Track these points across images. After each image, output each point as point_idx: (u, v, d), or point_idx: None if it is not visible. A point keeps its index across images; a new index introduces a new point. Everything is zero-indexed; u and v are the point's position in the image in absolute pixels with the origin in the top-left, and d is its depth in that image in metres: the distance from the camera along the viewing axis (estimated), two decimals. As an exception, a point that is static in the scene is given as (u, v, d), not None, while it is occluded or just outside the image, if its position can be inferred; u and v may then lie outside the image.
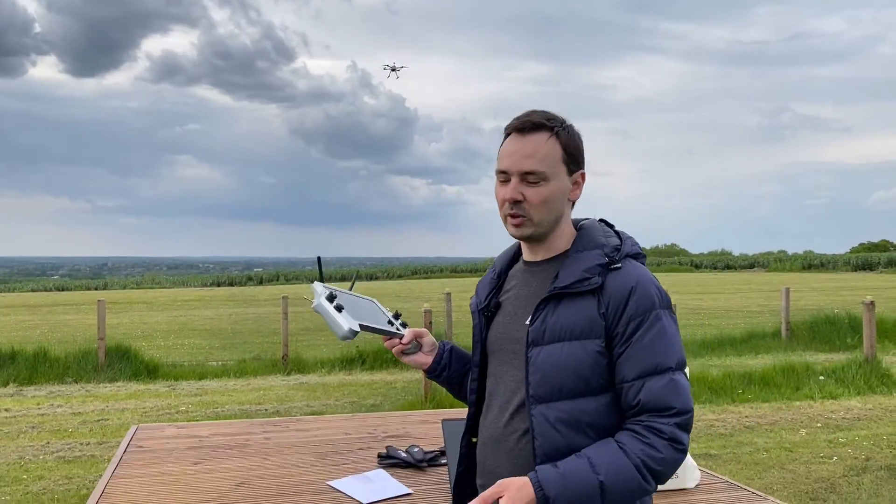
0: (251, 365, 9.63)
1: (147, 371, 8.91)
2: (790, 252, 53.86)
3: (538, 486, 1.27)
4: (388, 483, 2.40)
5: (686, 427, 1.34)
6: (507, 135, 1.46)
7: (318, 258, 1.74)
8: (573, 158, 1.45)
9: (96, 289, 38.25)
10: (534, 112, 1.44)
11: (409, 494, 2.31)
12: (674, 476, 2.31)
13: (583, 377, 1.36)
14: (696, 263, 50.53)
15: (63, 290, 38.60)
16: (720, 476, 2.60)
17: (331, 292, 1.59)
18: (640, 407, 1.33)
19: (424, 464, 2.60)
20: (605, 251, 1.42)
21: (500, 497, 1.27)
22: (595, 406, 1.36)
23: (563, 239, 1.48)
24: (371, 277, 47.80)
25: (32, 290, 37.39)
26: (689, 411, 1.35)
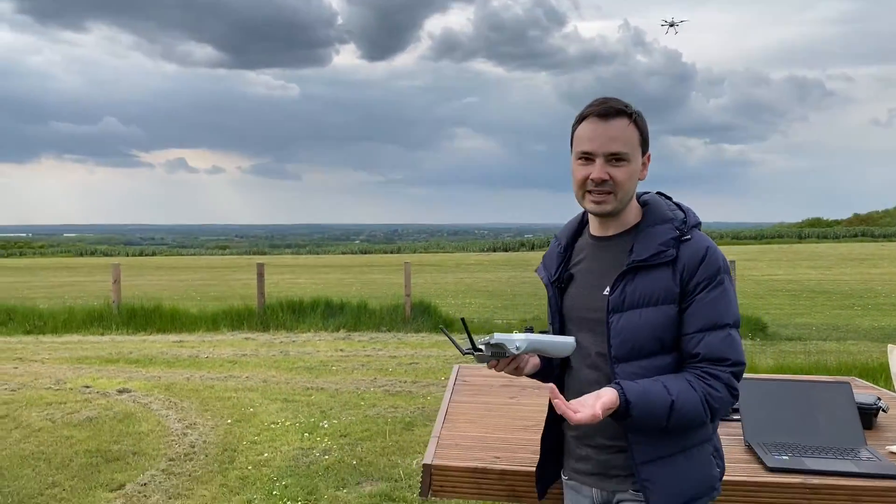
0: (532, 324, 10.31)
1: (444, 324, 10.08)
2: None
3: (622, 391, 1.50)
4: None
5: (738, 376, 1.57)
6: (583, 119, 1.65)
7: (463, 320, 1.74)
8: (645, 142, 1.66)
9: (391, 252, 43.12)
10: (611, 98, 1.64)
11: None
12: None
13: (659, 338, 1.58)
14: None
15: (366, 252, 44.26)
16: None
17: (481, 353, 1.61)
18: (700, 357, 1.56)
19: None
20: (675, 224, 1.62)
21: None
22: (669, 362, 1.60)
23: (632, 214, 1.68)
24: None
25: (342, 253, 43.51)
26: (742, 364, 1.57)
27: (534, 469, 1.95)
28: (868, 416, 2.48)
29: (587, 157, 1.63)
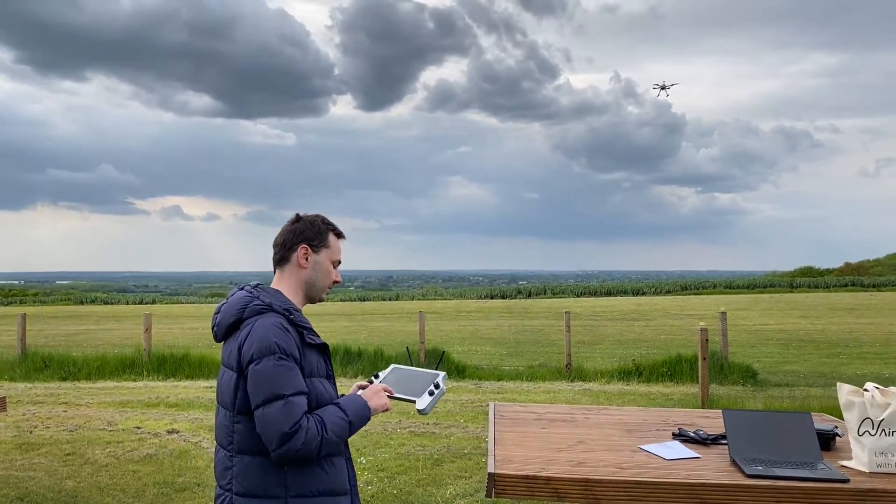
0: (539, 371, 11.01)
1: (457, 371, 10.77)
2: None
3: None
4: (682, 450, 3.37)
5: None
6: (338, 235, 2.33)
7: (407, 349, 2.64)
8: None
9: (389, 299, 43.71)
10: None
11: (697, 458, 3.27)
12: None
13: None
14: None
15: (364, 300, 44.78)
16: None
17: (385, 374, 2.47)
18: None
19: (709, 441, 3.53)
20: None
21: None
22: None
23: None
24: (638, 293, 47.40)
25: (340, 300, 44.05)
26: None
27: (570, 476, 2.68)
28: (826, 439, 3.23)
29: (337, 265, 2.34)
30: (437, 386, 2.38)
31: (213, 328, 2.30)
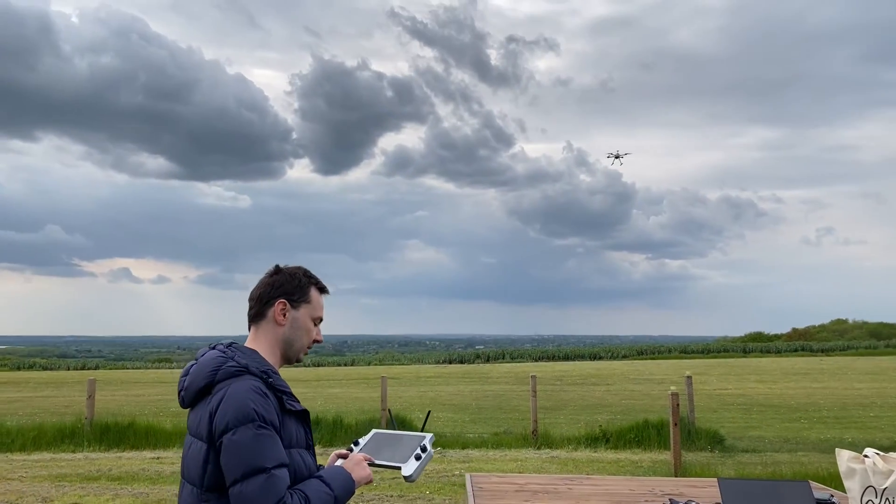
0: (504, 438, 10.68)
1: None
2: None
3: None
4: (678, 523, 3.17)
5: None
6: (321, 290, 2.11)
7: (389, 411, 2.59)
8: None
9: (344, 364, 42.79)
10: None
11: (694, 532, 3.07)
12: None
13: None
14: (983, 345, 43.10)
15: (319, 365, 43.73)
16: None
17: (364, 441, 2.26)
18: None
19: (703, 514, 3.33)
20: None
21: None
22: None
23: None
24: (595, 357, 47.53)
25: (293, 366, 42.78)
26: None
27: None
28: (824, 509, 3.07)
29: (318, 322, 2.11)
30: (423, 449, 2.15)
31: (179, 392, 2.04)
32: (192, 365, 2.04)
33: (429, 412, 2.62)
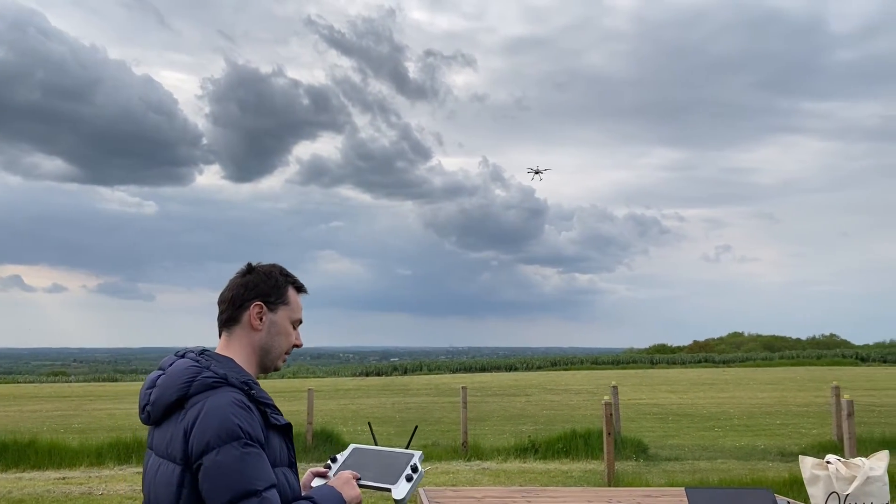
0: (434, 450, 10.55)
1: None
2: (976, 343, 48.28)
3: None
4: (647, 534, 3.14)
5: None
6: (298, 289, 1.91)
7: (369, 424, 2.23)
8: None
9: (258, 378, 41.38)
10: None
11: (666, 543, 3.05)
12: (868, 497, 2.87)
13: None
14: (862, 356, 46.57)
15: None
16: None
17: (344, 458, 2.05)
18: None
19: (668, 524, 3.32)
20: None
21: None
22: None
23: None
24: (511, 368, 48.18)
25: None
26: None
27: None
28: (784, 517, 3.13)
29: (297, 325, 1.91)
30: (414, 469, 1.98)
31: (143, 407, 1.80)
32: (159, 375, 1.81)
33: (416, 427, 2.47)
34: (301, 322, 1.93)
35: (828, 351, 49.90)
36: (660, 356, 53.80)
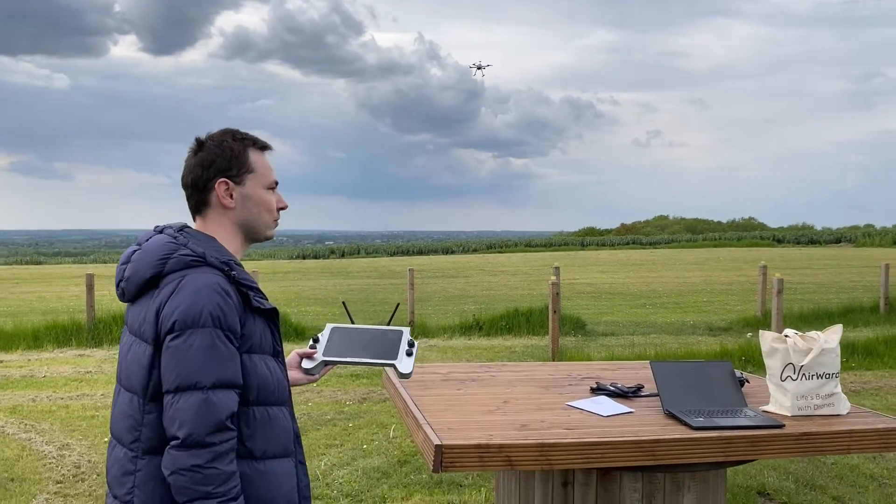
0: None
1: (296, 333, 10.17)
2: (878, 226, 51.87)
3: None
4: (613, 405, 3.27)
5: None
6: (262, 147, 1.73)
7: (343, 303, 2.21)
8: None
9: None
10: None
11: (631, 412, 3.19)
12: (830, 405, 3.09)
13: None
14: (778, 238, 49.45)
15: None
16: (866, 408, 3.36)
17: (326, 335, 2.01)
18: None
19: (630, 394, 3.47)
20: None
21: None
22: None
23: None
24: (448, 251, 49.04)
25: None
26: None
27: (523, 442, 2.44)
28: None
29: (274, 186, 1.76)
30: (411, 344, 2.03)
31: (118, 283, 1.66)
32: (134, 251, 1.66)
33: (397, 305, 2.42)
34: (277, 183, 1.76)
35: (747, 233, 52.70)
36: (590, 238, 55.72)
